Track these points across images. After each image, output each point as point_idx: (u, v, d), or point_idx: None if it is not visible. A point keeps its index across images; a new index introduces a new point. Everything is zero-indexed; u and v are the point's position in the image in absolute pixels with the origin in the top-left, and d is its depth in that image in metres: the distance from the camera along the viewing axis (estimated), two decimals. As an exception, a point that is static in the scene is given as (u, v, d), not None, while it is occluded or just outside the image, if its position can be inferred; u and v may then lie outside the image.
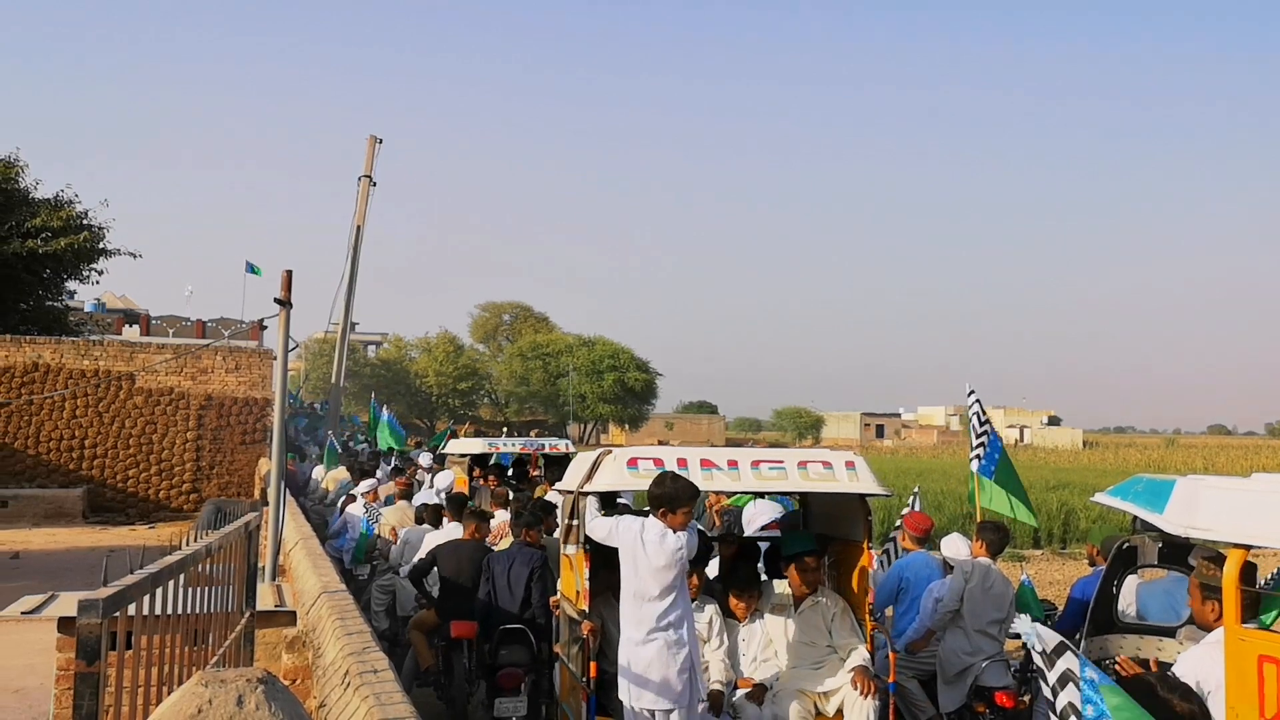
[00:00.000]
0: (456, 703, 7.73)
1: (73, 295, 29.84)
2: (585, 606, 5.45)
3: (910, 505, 10.08)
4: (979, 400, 9.71)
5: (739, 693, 5.62)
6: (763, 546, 6.89)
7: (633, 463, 5.40)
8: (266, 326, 8.45)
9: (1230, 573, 3.28)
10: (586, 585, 5.46)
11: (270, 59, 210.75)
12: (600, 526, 5.19)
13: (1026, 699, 7.04)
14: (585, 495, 5.48)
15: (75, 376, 21.03)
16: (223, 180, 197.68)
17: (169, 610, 2.97)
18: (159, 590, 2.82)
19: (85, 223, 24.95)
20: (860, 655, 5.54)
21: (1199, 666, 3.78)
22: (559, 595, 6.41)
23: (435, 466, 15.10)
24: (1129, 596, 5.79)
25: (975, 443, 9.59)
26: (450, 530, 8.88)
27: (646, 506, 5.42)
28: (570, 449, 12.76)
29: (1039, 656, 3.44)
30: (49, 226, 23.70)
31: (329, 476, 16.81)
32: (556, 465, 11.71)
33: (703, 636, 5.59)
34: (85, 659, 2.23)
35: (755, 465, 5.54)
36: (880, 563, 8.91)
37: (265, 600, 6.53)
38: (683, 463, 5.39)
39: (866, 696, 5.33)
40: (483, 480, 12.47)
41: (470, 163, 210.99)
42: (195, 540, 3.57)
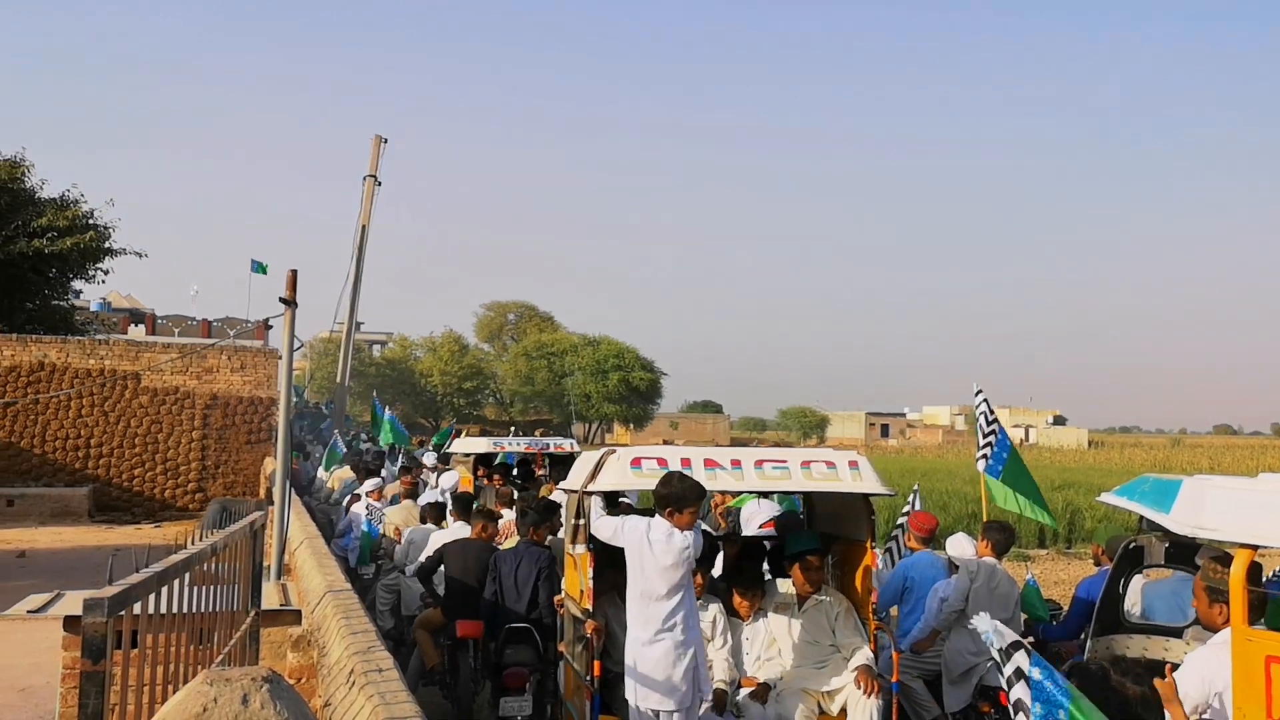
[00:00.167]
0: (462, 702, 7.73)
1: (78, 295, 29.92)
2: (589, 606, 5.44)
3: (911, 503, 10.05)
4: (986, 400, 9.64)
5: (743, 692, 5.61)
6: (767, 546, 6.88)
7: (636, 462, 5.40)
8: (272, 326, 8.46)
9: (1237, 573, 3.27)
10: (591, 584, 5.46)
11: (276, 58, 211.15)
12: (606, 526, 5.19)
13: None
14: (589, 495, 5.48)
15: (81, 376, 21.08)
16: (228, 179, 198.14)
17: (174, 609, 2.97)
18: (164, 589, 2.82)
19: (91, 222, 24.96)
20: (864, 655, 5.53)
21: (1205, 667, 3.76)
22: (563, 594, 6.41)
23: (440, 466, 15.11)
24: (1134, 596, 5.78)
25: (982, 442, 9.55)
26: (457, 530, 8.86)
27: (651, 506, 5.42)
28: (575, 448, 12.76)
29: (996, 654, 3.45)
30: (55, 226, 23.72)
31: (334, 476, 16.84)
32: (561, 465, 11.71)
33: (706, 636, 5.59)
34: (90, 658, 2.23)
35: (759, 465, 5.53)
36: (883, 561, 8.91)
37: (270, 599, 6.54)
38: (686, 462, 5.38)
39: (869, 696, 5.32)
40: (487, 480, 12.47)
41: (474, 162, 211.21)
42: (200, 539, 3.57)
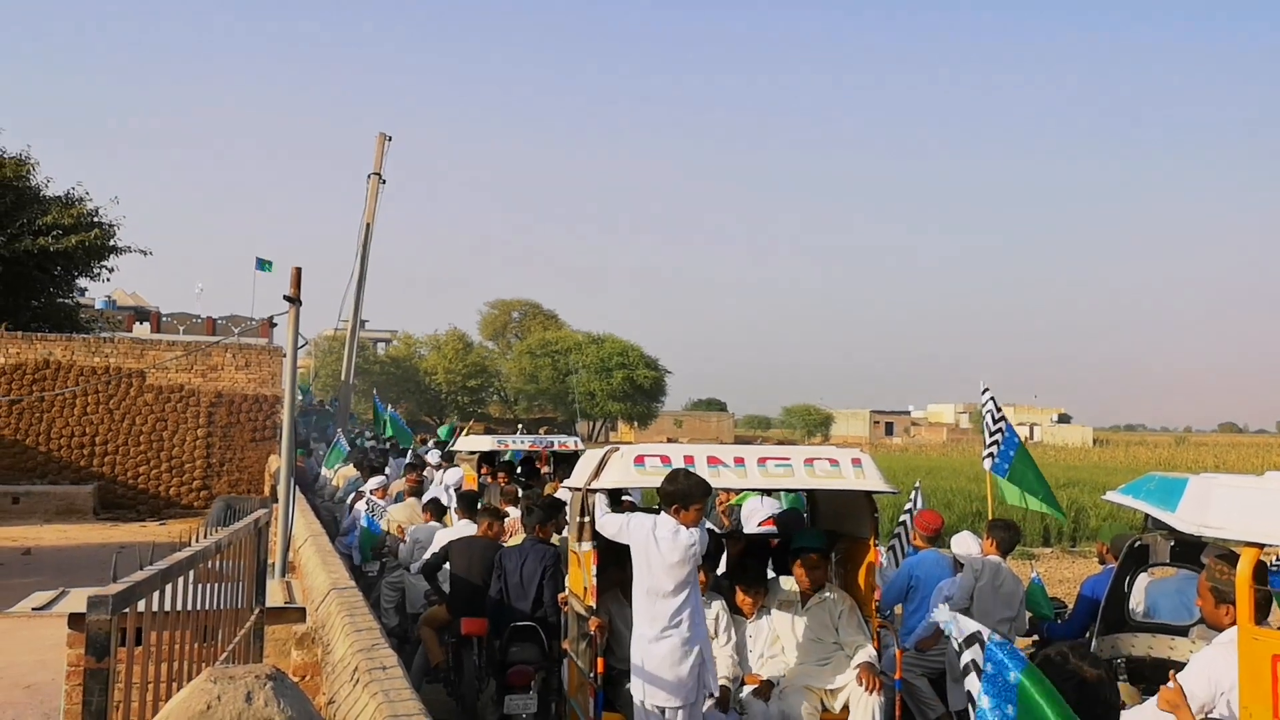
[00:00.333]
0: (466, 699, 7.73)
1: (84, 292, 29.92)
2: (593, 603, 5.44)
3: (913, 501, 10.03)
4: (993, 398, 9.59)
5: (746, 689, 5.61)
6: (773, 543, 6.87)
7: (640, 460, 5.40)
8: (276, 323, 8.47)
9: (1243, 572, 3.26)
10: (594, 582, 5.46)
11: (281, 56, 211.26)
12: (611, 523, 5.19)
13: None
14: (593, 492, 5.47)
15: (86, 374, 21.11)
16: (233, 177, 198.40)
17: (179, 606, 2.98)
18: (168, 587, 2.82)
19: (96, 220, 25.00)
20: (866, 652, 5.53)
21: (1211, 667, 3.75)
22: (567, 592, 6.40)
23: (444, 464, 15.12)
24: (1139, 595, 5.76)
25: (989, 441, 9.52)
26: (462, 527, 8.86)
27: (654, 504, 5.41)
28: (579, 446, 12.75)
29: (955, 645, 3.46)
30: (60, 224, 23.76)
31: (339, 473, 16.85)
32: (566, 463, 11.71)
33: (711, 633, 5.59)
34: (95, 655, 2.23)
35: (762, 462, 5.53)
36: (886, 559, 8.89)
37: (275, 597, 6.54)
38: (690, 460, 5.38)
39: (872, 693, 5.31)
40: (491, 477, 12.47)
41: (478, 160, 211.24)
42: (205, 537, 3.57)
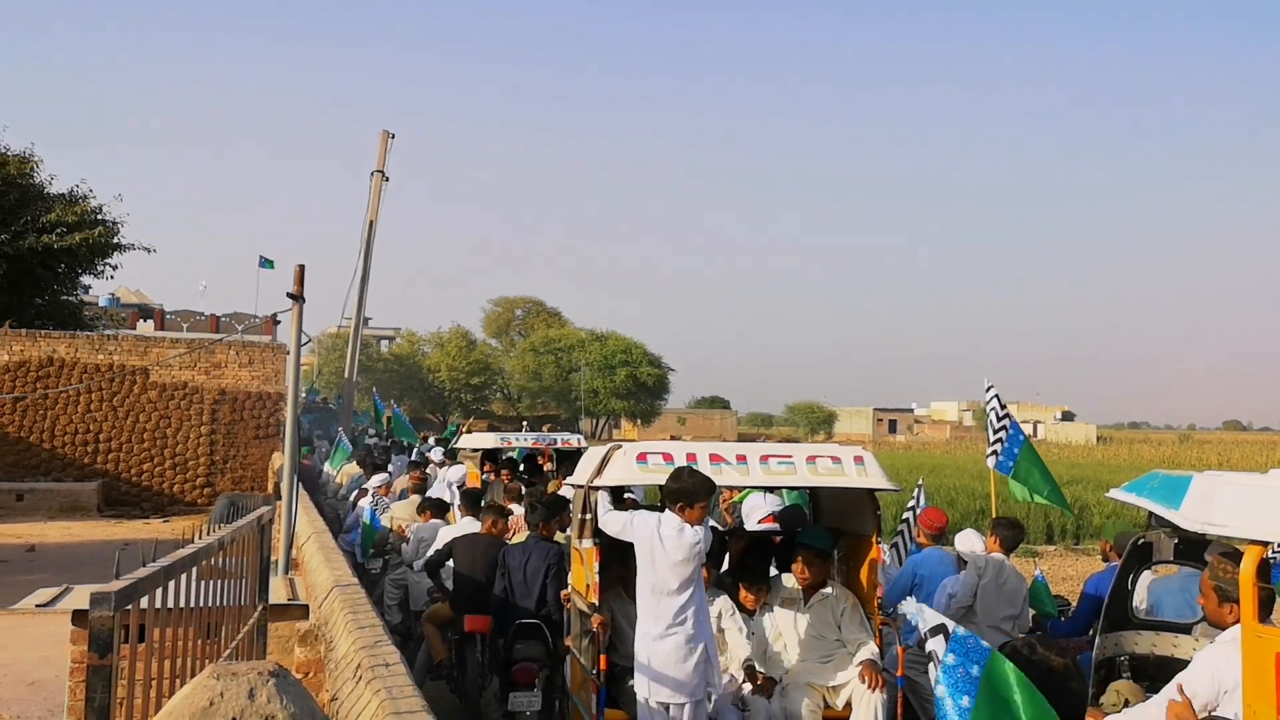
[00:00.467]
0: (469, 696, 7.73)
1: (87, 290, 29.95)
2: (595, 600, 5.45)
3: (916, 499, 10.02)
4: (997, 396, 9.57)
5: (746, 686, 5.61)
6: (776, 540, 6.87)
7: (642, 457, 5.40)
8: (280, 321, 8.47)
9: (1247, 569, 3.25)
10: (597, 579, 5.46)
11: (283, 53, 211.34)
12: (615, 520, 5.19)
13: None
14: (596, 490, 5.47)
15: (90, 371, 21.14)
16: (237, 175, 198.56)
17: (182, 603, 2.98)
18: (171, 584, 2.83)
19: (99, 218, 25.05)
20: (869, 650, 5.53)
21: (1215, 665, 3.74)
22: (570, 589, 6.41)
23: (447, 461, 15.12)
24: (1142, 593, 5.75)
25: (993, 438, 9.50)
26: (465, 525, 8.86)
27: (657, 501, 5.41)
28: (582, 444, 12.75)
29: (920, 634, 3.50)
30: (64, 221, 23.80)
31: (342, 471, 16.87)
32: (569, 460, 11.70)
33: (717, 628, 5.59)
34: (97, 652, 2.24)
35: (764, 460, 5.53)
36: (890, 557, 8.88)
37: (278, 594, 6.55)
38: (692, 457, 5.38)
39: (874, 690, 5.31)
40: (494, 475, 12.47)
41: (482, 158, 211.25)
42: (208, 534, 3.58)
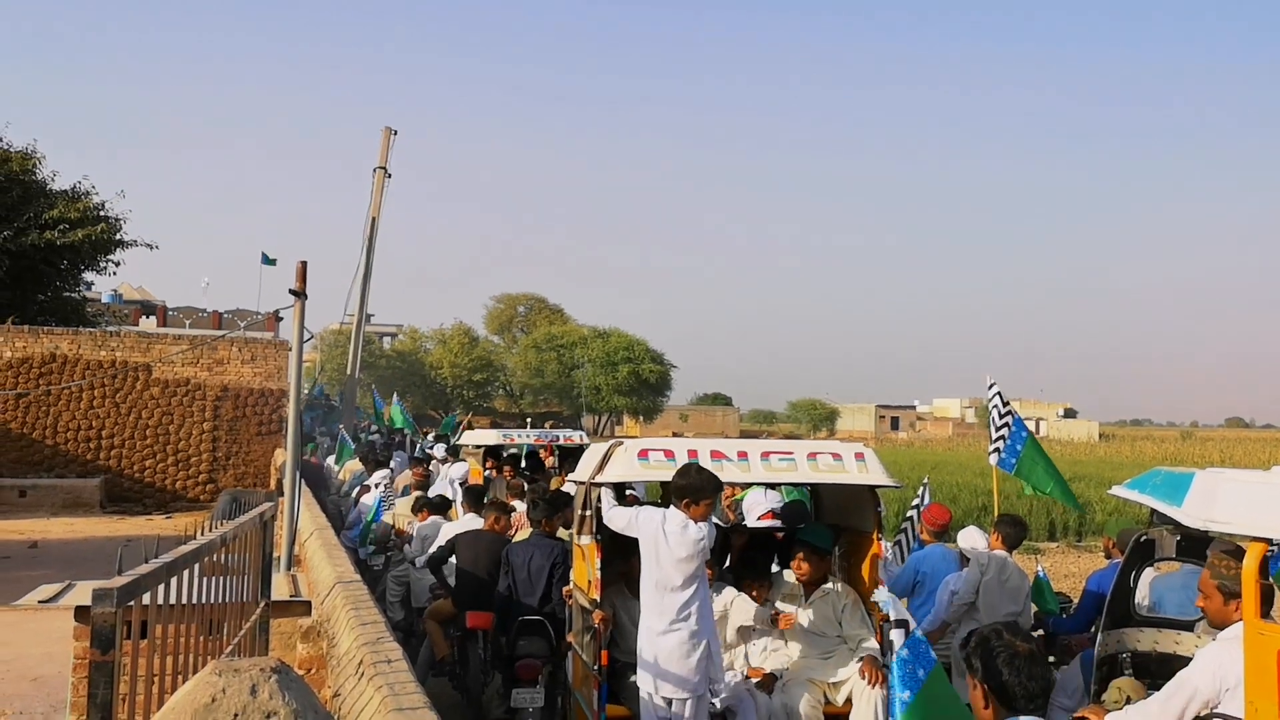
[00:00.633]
0: (471, 693, 7.74)
1: (90, 286, 30.02)
2: (597, 596, 5.45)
3: (920, 496, 10.02)
4: (1000, 393, 9.55)
5: (749, 682, 5.61)
6: (778, 537, 6.86)
7: (644, 454, 5.40)
8: (282, 318, 8.47)
9: (1250, 567, 3.25)
10: (598, 575, 5.47)
11: (286, 50, 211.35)
12: (620, 516, 5.20)
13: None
14: (597, 486, 5.48)
15: (92, 367, 21.16)
16: (238, 171, 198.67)
17: (184, 600, 2.98)
18: (174, 580, 2.83)
19: (102, 214, 25.06)
20: (869, 646, 5.53)
21: (1217, 662, 3.74)
22: (571, 585, 6.41)
23: (449, 458, 15.12)
24: (1144, 590, 5.74)
25: (994, 436, 9.49)
26: (468, 521, 8.87)
27: (658, 498, 5.40)
28: (584, 440, 12.75)
29: (890, 622, 3.68)
30: (66, 218, 23.82)
31: (345, 468, 16.87)
32: (571, 457, 11.70)
33: (724, 611, 5.59)
34: (100, 648, 2.24)
35: (765, 457, 5.52)
36: (893, 554, 8.88)
37: (280, 590, 6.57)
38: (693, 454, 5.37)
39: (874, 686, 5.32)
40: (496, 472, 12.47)
41: (484, 155, 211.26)
42: (210, 530, 3.58)
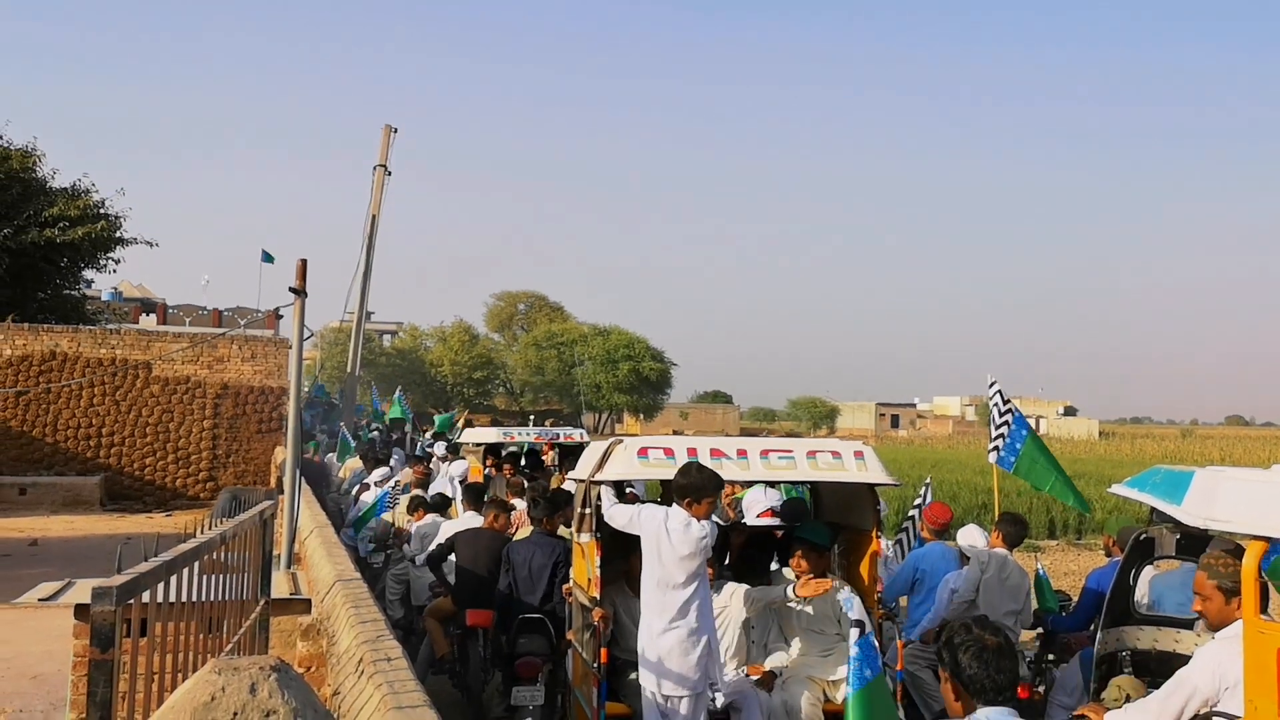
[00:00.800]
0: (471, 691, 7.74)
1: (90, 284, 29.99)
2: (597, 594, 5.45)
3: (923, 496, 10.02)
4: (1000, 391, 9.54)
5: (749, 679, 5.61)
6: (778, 535, 6.86)
7: (643, 452, 5.39)
8: (282, 315, 8.46)
9: (1249, 565, 3.25)
10: (598, 573, 5.47)
11: (286, 47, 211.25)
12: (621, 514, 5.20)
13: (1041, 690, 7.02)
14: (597, 484, 5.48)
15: (92, 365, 21.15)
16: (238, 169, 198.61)
17: (184, 598, 2.98)
18: (173, 578, 2.83)
19: (102, 211, 25.04)
20: None
21: (1217, 660, 3.74)
22: (571, 583, 6.41)
23: (449, 456, 15.13)
24: (1143, 588, 5.75)
25: (994, 434, 9.49)
26: (468, 519, 8.87)
27: (658, 496, 5.39)
28: (585, 438, 12.75)
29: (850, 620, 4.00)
30: (66, 215, 23.79)
31: (345, 465, 16.88)
32: (571, 455, 11.70)
33: (724, 605, 5.60)
34: (99, 646, 2.24)
35: (764, 455, 5.51)
36: (895, 553, 8.89)
37: (280, 588, 6.56)
38: (693, 452, 5.37)
39: None
40: (496, 470, 12.47)
41: (485, 153, 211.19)
42: (210, 528, 3.58)
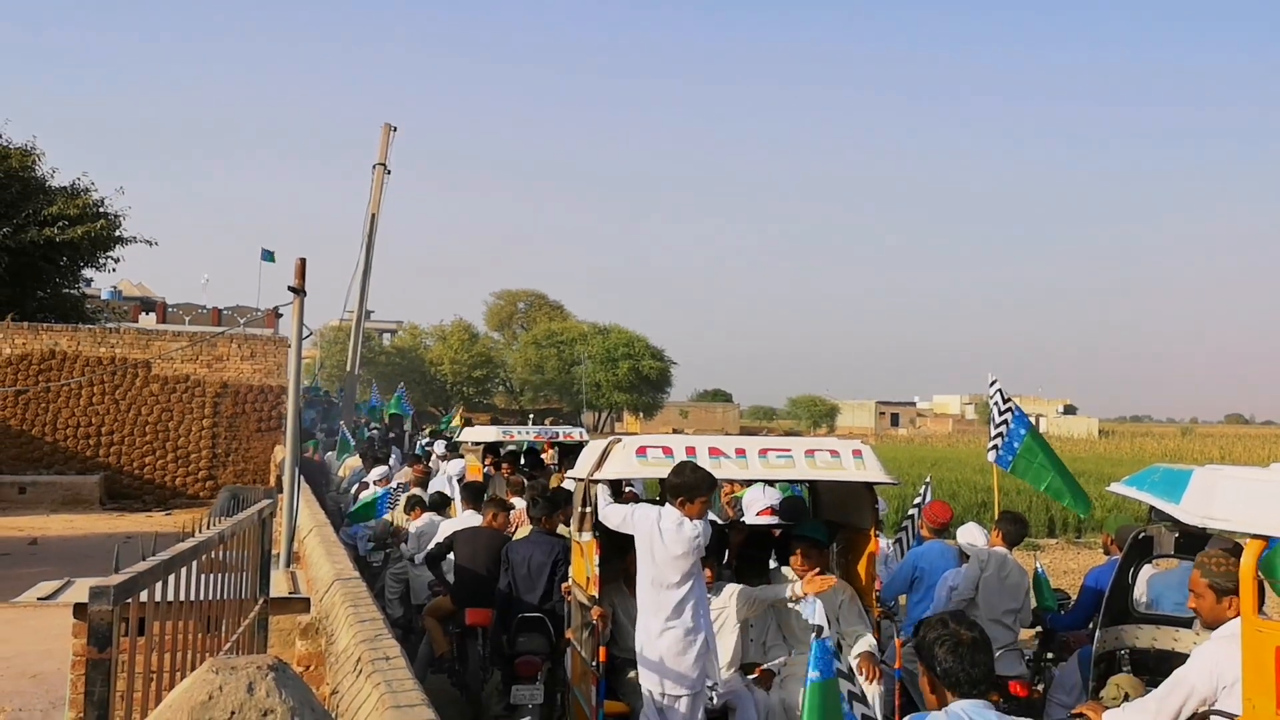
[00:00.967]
0: (470, 690, 7.74)
1: (89, 283, 29.97)
2: (595, 593, 5.45)
3: (923, 495, 10.02)
4: (1000, 390, 9.54)
5: (747, 678, 5.62)
6: (776, 534, 6.86)
7: (642, 451, 5.39)
8: (282, 314, 8.46)
9: (1247, 563, 3.25)
10: (597, 572, 5.47)
11: (286, 47, 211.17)
12: (615, 513, 5.20)
13: (1040, 688, 7.02)
14: (596, 483, 5.48)
15: (92, 364, 21.15)
16: (238, 168, 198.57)
17: (182, 597, 2.98)
18: (172, 577, 2.83)
19: (102, 210, 25.03)
20: (867, 642, 5.54)
21: (1214, 659, 3.74)
22: (570, 581, 6.41)
23: (448, 454, 15.12)
24: (1142, 587, 5.75)
25: (993, 433, 9.48)
26: (467, 518, 8.87)
27: (655, 495, 5.39)
28: (584, 437, 12.74)
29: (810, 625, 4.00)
30: (65, 214, 23.78)
31: (344, 464, 16.88)
32: (571, 453, 11.70)
33: (722, 606, 5.60)
34: (97, 645, 2.24)
35: (763, 454, 5.52)
36: (894, 552, 8.89)
37: (279, 587, 6.57)
38: (691, 451, 5.37)
39: (872, 682, 5.33)
40: (495, 469, 12.46)
41: (485, 152, 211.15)
42: (209, 527, 3.58)
